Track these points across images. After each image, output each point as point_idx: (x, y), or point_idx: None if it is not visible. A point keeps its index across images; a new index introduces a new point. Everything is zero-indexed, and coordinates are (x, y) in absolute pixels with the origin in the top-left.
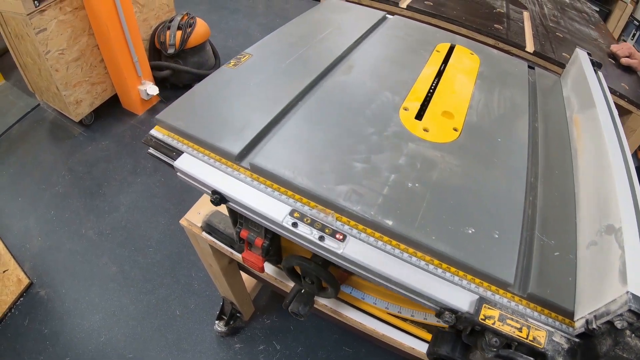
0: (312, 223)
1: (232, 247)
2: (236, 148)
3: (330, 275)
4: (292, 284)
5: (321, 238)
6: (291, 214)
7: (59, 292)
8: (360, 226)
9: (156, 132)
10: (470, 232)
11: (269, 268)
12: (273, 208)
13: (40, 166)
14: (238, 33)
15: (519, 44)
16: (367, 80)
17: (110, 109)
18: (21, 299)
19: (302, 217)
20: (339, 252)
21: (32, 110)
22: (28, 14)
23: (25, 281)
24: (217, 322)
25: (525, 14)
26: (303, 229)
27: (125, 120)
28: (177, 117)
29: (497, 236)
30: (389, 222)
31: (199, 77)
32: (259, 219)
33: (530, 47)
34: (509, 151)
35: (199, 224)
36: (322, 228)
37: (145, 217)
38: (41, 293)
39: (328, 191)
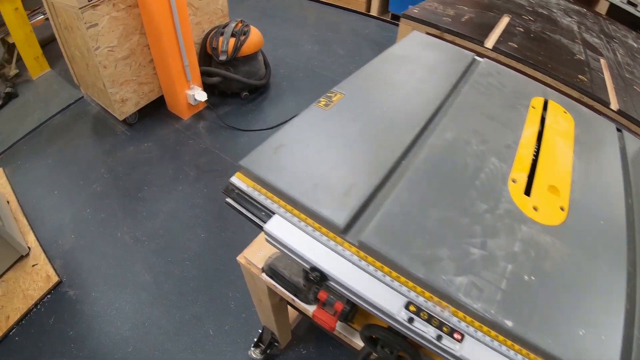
0: (429, 319)
1: (296, 295)
2: (341, 218)
3: (417, 352)
4: (359, 341)
5: (439, 337)
6: (407, 306)
7: (89, 294)
8: (477, 324)
9: (239, 181)
10: (581, 333)
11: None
12: (386, 297)
13: (79, 161)
14: (288, 43)
15: (603, 100)
16: (471, 140)
17: (155, 110)
18: (49, 296)
19: (418, 311)
20: (457, 354)
21: (76, 102)
22: (80, 8)
23: (55, 278)
24: (253, 348)
25: (603, 63)
26: (419, 326)
27: (170, 124)
28: (266, 167)
29: (603, 338)
30: (509, 323)
31: (249, 87)
32: (368, 307)
33: (614, 104)
34: (610, 236)
35: (260, 265)
36: (440, 325)
37: (184, 228)
38: (70, 293)
39: (447, 283)
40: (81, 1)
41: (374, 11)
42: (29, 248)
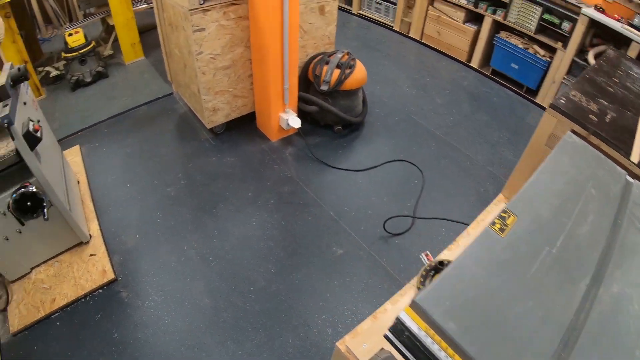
0: None
1: None
2: None
3: None
4: None
5: None
6: None
7: (142, 300)
8: None
9: (409, 319)
10: None
11: None
12: None
13: (158, 159)
14: (386, 81)
15: None
16: (633, 296)
17: (244, 125)
18: (100, 290)
19: None
20: None
21: (164, 97)
22: (191, 9)
23: (110, 275)
24: None
25: None
26: None
27: (257, 142)
28: (448, 313)
29: None
30: None
31: (344, 121)
32: None
33: None
34: None
35: (363, 359)
36: None
37: (255, 258)
38: (122, 294)
39: None
40: (193, 3)
41: (474, 62)
42: (90, 236)
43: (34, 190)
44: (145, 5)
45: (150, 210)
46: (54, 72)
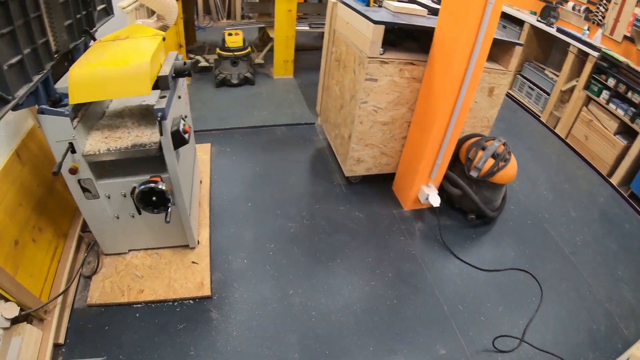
0: None
1: None
2: None
3: None
4: None
5: None
6: None
7: (230, 328)
8: None
9: None
10: None
11: None
12: None
13: (285, 188)
14: (526, 177)
15: None
16: None
17: (379, 183)
18: (191, 301)
19: None
20: None
21: (306, 124)
22: (369, 57)
23: (207, 290)
24: None
25: None
26: None
27: (389, 205)
28: None
29: None
30: None
31: (479, 212)
32: None
33: None
34: None
35: None
36: None
37: (357, 329)
38: (212, 314)
39: None
40: (373, 51)
41: (615, 179)
42: (198, 242)
43: (164, 188)
44: (307, 28)
45: (265, 239)
46: (203, 63)
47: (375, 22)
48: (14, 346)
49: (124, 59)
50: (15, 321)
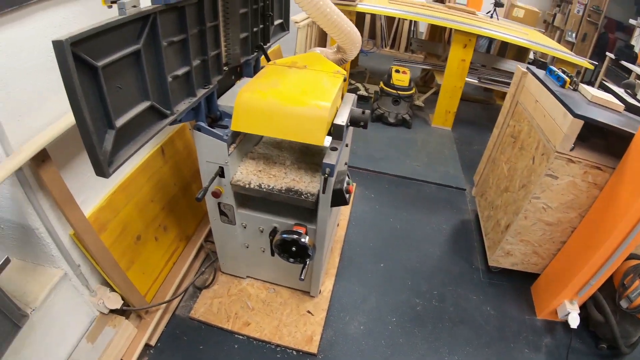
0: None
1: None
2: None
3: None
4: None
5: None
6: None
7: None
8: None
9: None
10: None
11: None
12: None
13: (422, 257)
14: None
15: None
16: None
17: (519, 279)
18: (294, 352)
19: None
20: None
21: (456, 189)
22: (557, 152)
23: (314, 347)
24: None
25: None
26: None
27: (522, 308)
28: None
29: None
30: None
31: (614, 343)
32: None
33: None
34: None
35: None
36: None
37: None
38: None
39: None
40: (564, 146)
41: None
42: (320, 292)
43: (307, 243)
44: (477, 81)
45: (388, 310)
46: (362, 91)
47: (576, 116)
48: (105, 335)
49: (300, 97)
50: (115, 312)
